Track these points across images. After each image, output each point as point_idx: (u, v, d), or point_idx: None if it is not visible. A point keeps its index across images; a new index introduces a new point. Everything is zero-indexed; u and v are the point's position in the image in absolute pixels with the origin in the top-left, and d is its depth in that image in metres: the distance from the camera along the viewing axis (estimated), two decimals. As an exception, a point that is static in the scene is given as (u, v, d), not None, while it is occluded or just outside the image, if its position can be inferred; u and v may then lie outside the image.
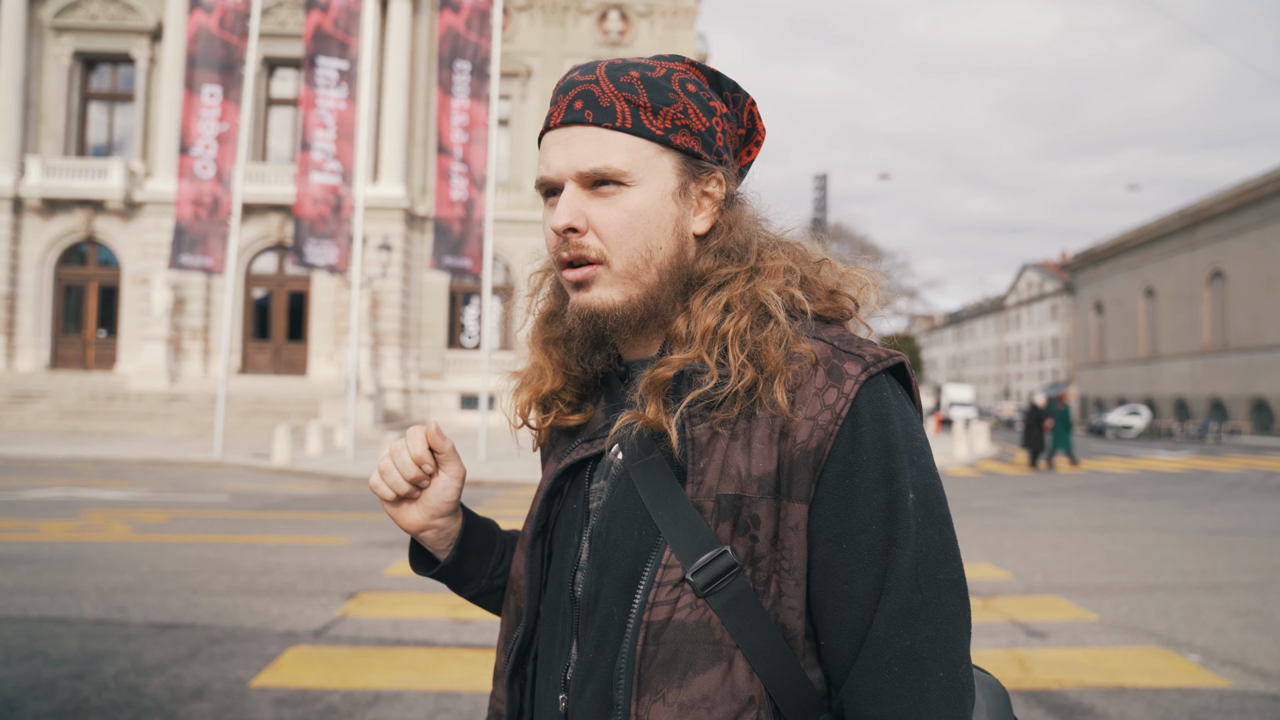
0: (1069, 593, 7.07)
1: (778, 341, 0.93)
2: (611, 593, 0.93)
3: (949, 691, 0.86)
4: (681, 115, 0.98)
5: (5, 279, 28.16)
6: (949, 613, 0.88)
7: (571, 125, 0.97)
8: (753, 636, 0.88)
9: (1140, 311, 56.91)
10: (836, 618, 0.89)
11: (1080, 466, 21.72)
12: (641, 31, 32.20)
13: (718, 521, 0.90)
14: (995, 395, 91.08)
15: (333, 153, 20.11)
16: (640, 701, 0.88)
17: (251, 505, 11.86)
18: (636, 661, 0.89)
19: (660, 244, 0.98)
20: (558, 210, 0.97)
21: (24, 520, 9.94)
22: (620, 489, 0.97)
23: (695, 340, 0.96)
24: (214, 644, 5.22)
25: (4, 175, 28.22)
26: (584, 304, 0.99)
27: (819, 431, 0.89)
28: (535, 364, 1.13)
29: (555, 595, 1.03)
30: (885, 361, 0.93)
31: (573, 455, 1.04)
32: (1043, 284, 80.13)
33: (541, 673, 1.04)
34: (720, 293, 0.98)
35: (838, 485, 0.89)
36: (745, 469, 0.90)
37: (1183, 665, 5.15)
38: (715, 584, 0.88)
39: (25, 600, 6.22)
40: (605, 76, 0.98)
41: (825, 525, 0.89)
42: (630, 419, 0.96)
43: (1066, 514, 12.30)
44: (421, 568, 1.18)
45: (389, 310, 28.59)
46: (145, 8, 29.50)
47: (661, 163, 0.97)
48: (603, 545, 0.96)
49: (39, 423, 24.51)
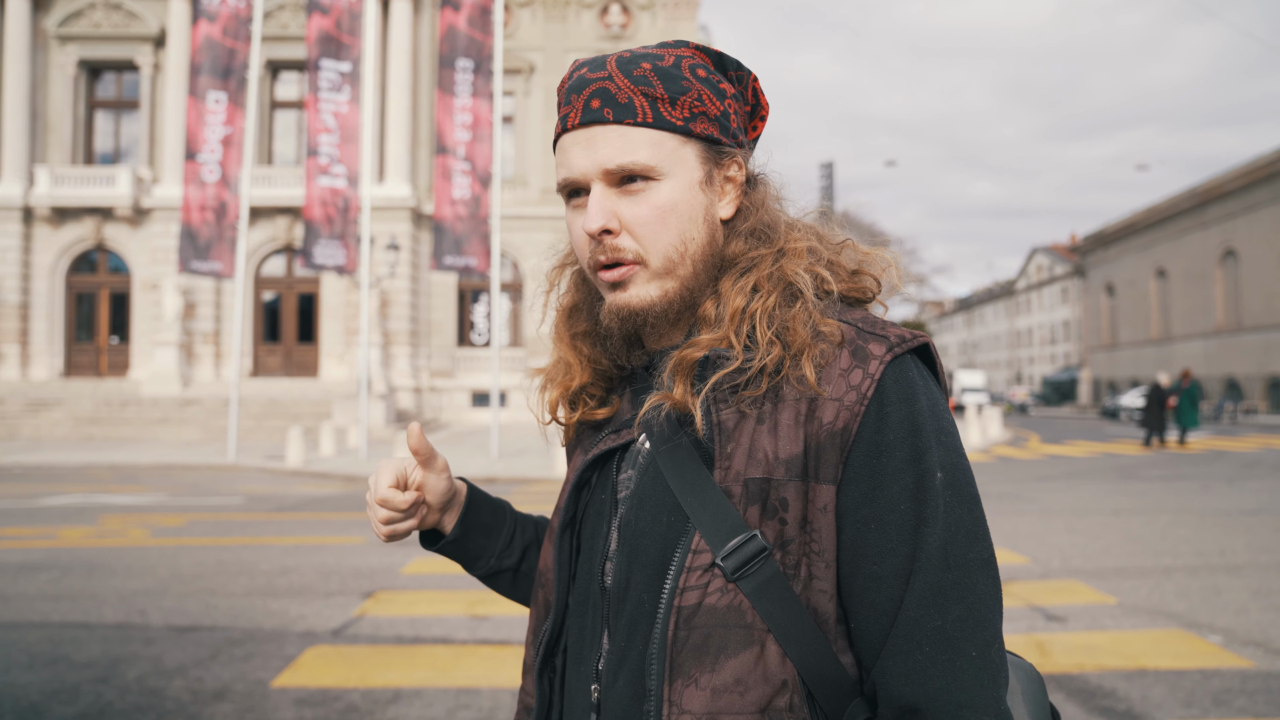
0: (1087, 576, 7.04)
1: (805, 320, 0.93)
2: (642, 580, 0.93)
3: (981, 671, 0.85)
4: (697, 103, 0.98)
5: (17, 288, 28.33)
6: (980, 592, 0.87)
7: (591, 125, 0.96)
8: (784, 620, 0.88)
9: (1152, 292, 56.58)
10: (866, 599, 0.88)
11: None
12: (643, 24, 32.12)
13: (746, 505, 0.90)
14: (1007, 380, 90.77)
15: (338, 156, 20.14)
16: (673, 686, 0.88)
17: (267, 507, 11.92)
18: (668, 647, 0.89)
19: (693, 235, 0.98)
20: (589, 213, 0.96)
21: (43, 527, 10.01)
22: (648, 476, 0.97)
23: (724, 321, 0.96)
24: (234, 645, 5.25)
25: (13, 185, 28.37)
26: (623, 303, 0.98)
27: (845, 412, 0.89)
28: (561, 359, 1.12)
29: (585, 586, 1.03)
30: (910, 342, 0.93)
31: (600, 446, 1.04)
32: (1053, 267, 79.74)
33: (572, 664, 1.04)
34: (749, 275, 0.98)
35: (865, 466, 0.89)
36: (772, 452, 0.90)
37: (1204, 647, 5.12)
38: (745, 568, 0.88)
39: (47, 606, 6.26)
40: (618, 71, 0.97)
41: (853, 506, 0.89)
42: (659, 400, 0.96)
43: (1083, 497, 12.25)
44: (428, 542, 1.20)
45: (398, 310, 28.64)
46: (148, 14, 29.58)
47: (685, 153, 0.97)
48: (632, 533, 0.96)
49: (55, 430, 24.68)
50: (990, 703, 0.85)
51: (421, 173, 30.02)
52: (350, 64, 20.14)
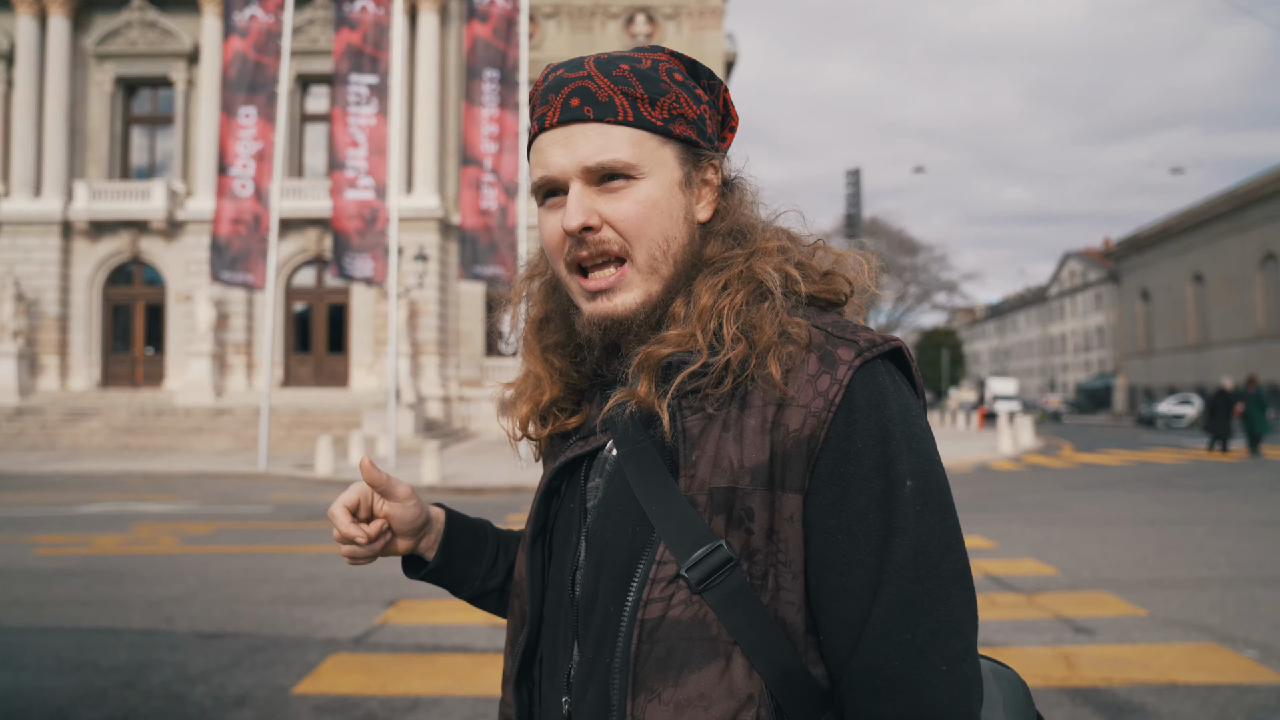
0: (1118, 588, 6.90)
1: (772, 319, 0.91)
2: (608, 591, 0.91)
3: (953, 686, 0.82)
4: (676, 105, 0.97)
5: (57, 301, 28.89)
6: (952, 604, 0.84)
7: (571, 123, 0.95)
8: (751, 633, 0.86)
9: (1189, 298, 55.62)
10: (834, 611, 0.86)
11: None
12: (669, 34, 32.18)
13: (711, 515, 0.88)
14: (1040, 387, 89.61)
15: (365, 169, 20.37)
16: (635, 701, 0.86)
17: (295, 515, 12.02)
18: (631, 661, 0.87)
19: (675, 234, 0.97)
20: (569, 210, 0.95)
21: (78, 534, 10.17)
22: (614, 484, 0.95)
23: (692, 319, 0.94)
24: (256, 652, 5.29)
25: (53, 200, 28.97)
26: (605, 312, 0.97)
27: (812, 419, 0.87)
28: (531, 373, 1.10)
29: (556, 597, 1.01)
30: (880, 346, 0.90)
31: (568, 453, 1.02)
32: (1086, 273, 78.69)
33: (546, 675, 1.02)
34: (720, 274, 0.97)
35: (832, 474, 0.86)
36: (738, 460, 0.88)
37: (1238, 661, 4.99)
38: (710, 579, 0.86)
39: (77, 611, 6.36)
40: (597, 71, 0.96)
41: (821, 516, 0.86)
42: (624, 397, 0.95)
43: (1115, 507, 12.04)
44: (412, 570, 1.19)
45: (427, 320, 28.85)
46: (182, 31, 30.12)
47: (665, 153, 0.96)
48: (599, 543, 0.94)
49: (92, 439, 25.10)
50: (960, 717, 0.82)
51: (449, 183, 30.24)
52: (378, 77, 20.37)
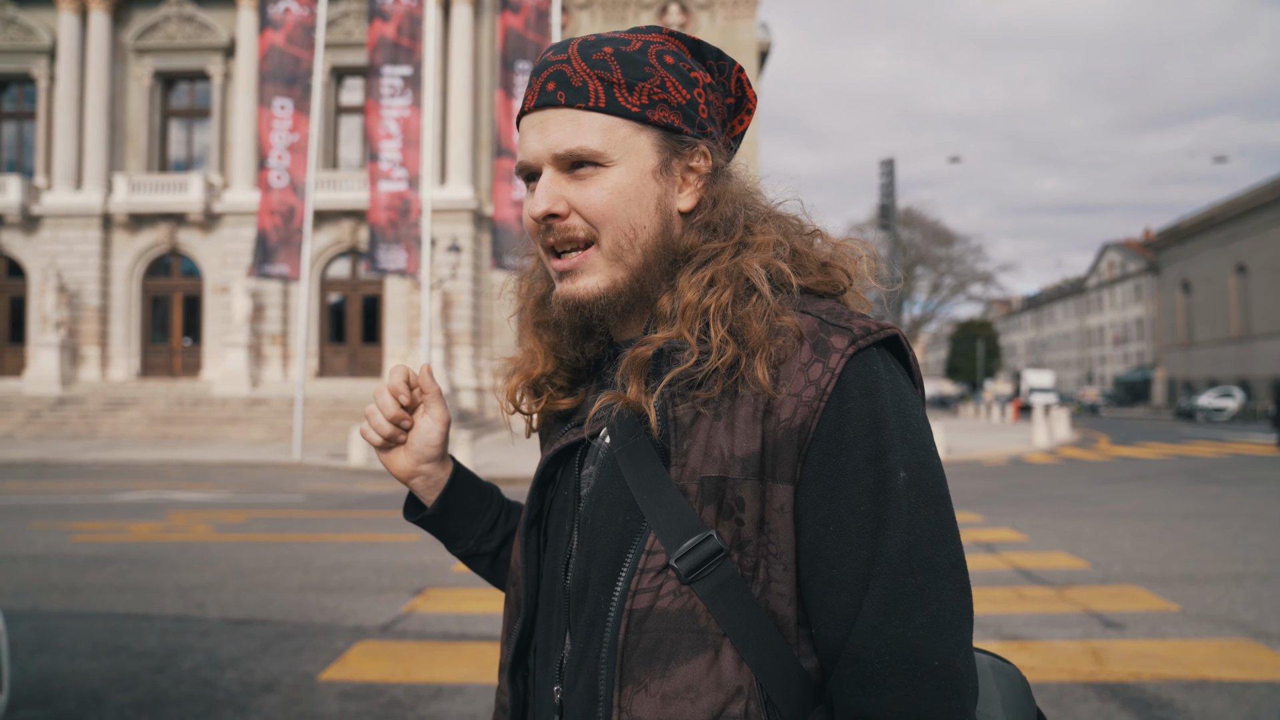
0: (1149, 582, 6.79)
1: (760, 315, 0.89)
2: (598, 580, 0.91)
3: (945, 682, 0.80)
4: (659, 89, 0.95)
5: (97, 292, 29.46)
6: (946, 598, 0.82)
7: (545, 108, 0.95)
8: (741, 624, 0.85)
9: (1231, 289, 54.45)
10: (825, 604, 0.85)
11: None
12: (702, 23, 32.02)
13: (702, 505, 0.87)
14: (1077, 380, 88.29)
15: (399, 160, 20.52)
16: (622, 692, 0.86)
17: (327, 505, 12.18)
18: (619, 651, 0.87)
19: (644, 223, 0.95)
20: (535, 196, 0.95)
21: (116, 521, 10.39)
22: (606, 474, 0.94)
23: (678, 317, 0.93)
24: (285, 639, 5.37)
25: (94, 194, 29.53)
26: (569, 294, 0.97)
27: (803, 408, 0.85)
28: (527, 349, 1.11)
29: (550, 585, 1.01)
30: (875, 334, 0.88)
31: (561, 441, 1.02)
32: (1125, 264, 77.30)
33: (540, 664, 1.02)
34: (705, 269, 0.95)
35: (824, 465, 0.85)
36: (728, 450, 0.86)
37: (1273, 658, 4.90)
38: (700, 570, 0.85)
39: (113, 597, 6.49)
40: (577, 55, 0.95)
41: (812, 507, 0.85)
42: (610, 399, 0.94)
43: (1150, 501, 11.84)
44: (410, 513, 1.20)
45: (460, 310, 29.03)
46: (219, 25, 30.51)
47: (639, 140, 0.94)
48: (590, 532, 0.94)
49: (131, 429, 25.60)
50: (952, 715, 0.81)
51: (482, 174, 30.37)
52: (411, 68, 20.49)
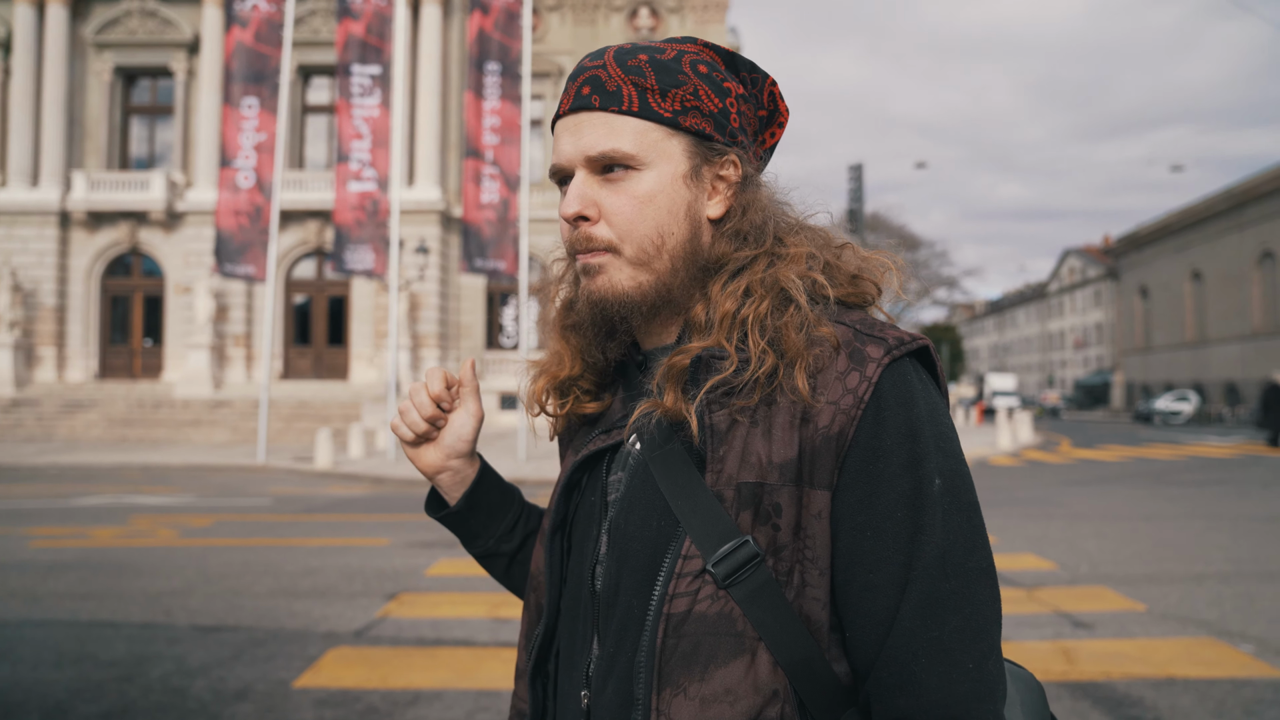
0: (1116, 583, 6.92)
1: (798, 326, 0.91)
2: (631, 585, 0.92)
3: (978, 683, 0.83)
4: (692, 97, 0.96)
5: (54, 292, 28.87)
6: (978, 602, 0.85)
7: (579, 111, 0.96)
8: (776, 628, 0.86)
9: (1187, 295, 55.63)
10: (861, 608, 0.87)
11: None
12: (672, 27, 32.11)
13: (738, 511, 0.88)
14: (1039, 383, 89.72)
15: (369, 160, 20.33)
16: (661, 696, 0.87)
17: (294, 509, 12.03)
18: (657, 655, 0.87)
19: (672, 229, 0.96)
20: (567, 197, 0.97)
21: (76, 526, 10.18)
22: (638, 479, 0.95)
23: (714, 326, 0.94)
24: (256, 646, 5.29)
25: (51, 190, 28.93)
26: (592, 291, 0.98)
27: (841, 416, 0.87)
28: (554, 351, 1.11)
29: (575, 590, 1.01)
30: (909, 345, 0.91)
31: (590, 446, 1.03)
32: (1085, 269, 78.70)
33: (563, 670, 1.03)
34: (740, 278, 0.96)
35: (861, 471, 0.87)
36: (766, 456, 0.88)
37: (1236, 656, 5.01)
38: (737, 575, 0.87)
39: (76, 604, 6.36)
40: (613, 61, 0.96)
41: (849, 513, 0.87)
42: (649, 408, 0.95)
43: (1113, 502, 12.06)
44: (433, 509, 1.20)
45: (428, 312, 28.84)
46: (182, 21, 30.05)
47: (671, 146, 0.96)
48: (621, 537, 0.95)
49: (89, 431, 25.10)
50: (986, 716, 0.83)
51: (451, 176, 30.21)
52: (381, 68, 20.32)
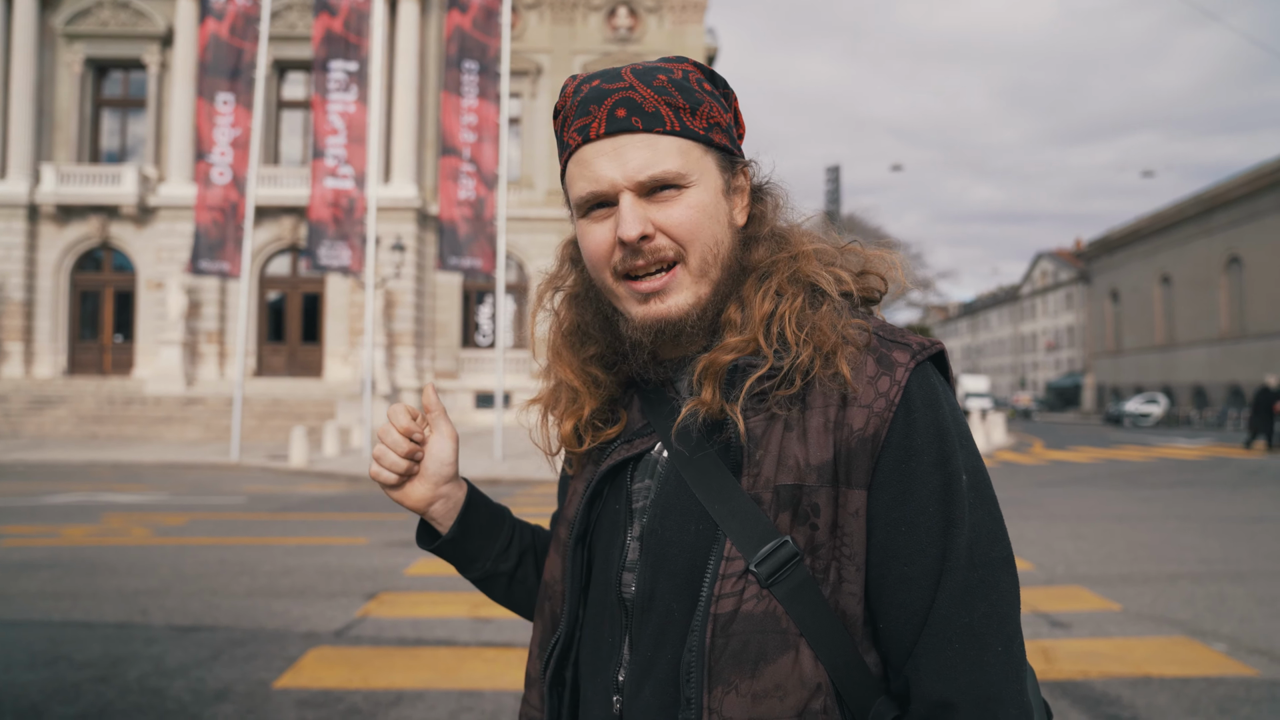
0: (1091, 583, 7.01)
1: (832, 321, 0.96)
2: (669, 589, 0.94)
3: (1006, 665, 0.89)
4: (712, 114, 1.00)
5: (22, 286, 28.38)
6: (1003, 589, 0.91)
7: (619, 134, 0.96)
8: (815, 624, 0.90)
9: (1156, 299, 56.45)
10: (897, 600, 0.91)
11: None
12: (650, 27, 32.11)
13: (777, 512, 0.92)
14: (1011, 385, 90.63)
15: (345, 157, 20.16)
16: (712, 694, 0.90)
17: (270, 507, 11.92)
18: (706, 654, 0.90)
19: (722, 238, 1.00)
20: (625, 220, 0.95)
21: (45, 525, 10.02)
22: (670, 485, 0.98)
23: (752, 324, 0.98)
24: (235, 646, 5.24)
25: (19, 183, 28.44)
26: (659, 315, 0.98)
27: (875, 419, 0.91)
28: (565, 386, 1.11)
29: (600, 597, 1.03)
30: (930, 349, 0.96)
31: (614, 457, 1.04)
32: (1057, 273, 79.61)
33: (587, 677, 1.04)
34: (770, 279, 1.00)
35: (895, 470, 0.91)
36: (803, 459, 0.92)
37: (1209, 654, 5.09)
38: (778, 574, 0.90)
39: (48, 605, 6.26)
40: (639, 82, 0.97)
41: (884, 509, 0.91)
42: (694, 406, 0.97)
43: (1087, 504, 12.22)
44: (425, 541, 1.18)
45: (403, 310, 28.65)
46: (155, 13, 29.65)
47: (708, 162, 0.99)
48: (657, 542, 0.97)
49: (58, 428, 24.71)
50: (1014, 695, 0.88)
51: (427, 173, 30.04)
52: (357, 64, 20.15)
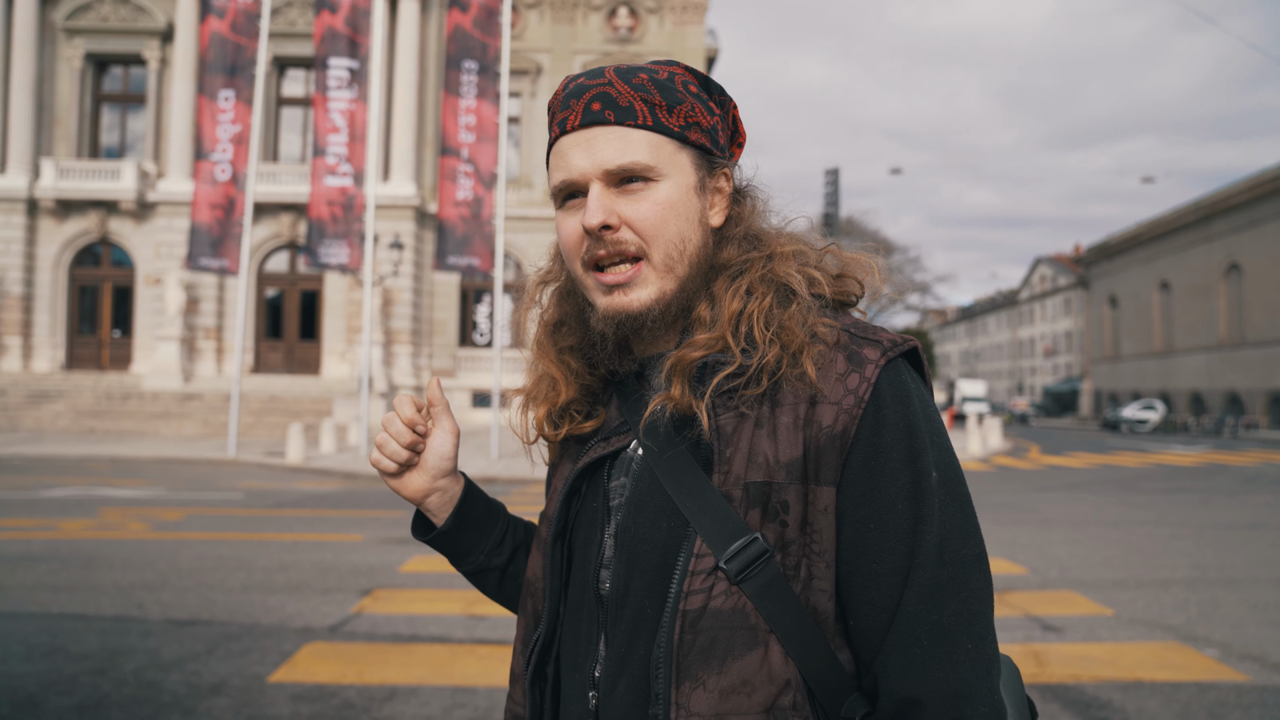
0: (1085, 587, 7.04)
1: (800, 320, 0.96)
2: (642, 585, 0.95)
3: (977, 662, 0.88)
4: (691, 114, 1.00)
5: (21, 280, 28.37)
6: (973, 587, 0.90)
7: (592, 126, 0.98)
8: (786, 620, 0.90)
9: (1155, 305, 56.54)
10: (866, 596, 0.91)
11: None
12: (651, 27, 32.14)
13: (747, 509, 0.92)
14: (1008, 390, 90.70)
15: (345, 155, 20.17)
16: (680, 689, 0.90)
17: (266, 503, 11.93)
18: (674, 650, 0.90)
19: (690, 235, 1.00)
20: (589, 209, 0.97)
21: (43, 518, 10.03)
22: (644, 483, 0.98)
23: (720, 323, 0.98)
24: (231, 640, 5.26)
25: (18, 177, 28.43)
26: (620, 307, 0.99)
27: (844, 416, 0.91)
28: (546, 375, 1.13)
29: (579, 594, 1.04)
30: (901, 346, 0.96)
31: (591, 454, 1.05)
32: (1056, 278, 79.69)
33: (566, 673, 1.05)
34: (742, 278, 1.00)
35: (864, 467, 0.91)
36: (773, 456, 0.92)
37: (1201, 660, 5.11)
38: (748, 571, 0.90)
39: (46, 597, 6.27)
40: (618, 79, 0.99)
41: (853, 506, 0.91)
42: (661, 401, 0.97)
43: (1082, 509, 12.25)
44: (420, 532, 1.19)
45: (401, 308, 28.66)
46: (156, 9, 29.65)
47: (681, 158, 0.99)
48: (630, 539, 0.97)
49: (56, 422, 24.71)
50: (985, 693, 0.88)
51: (426, 172, 30.05)
52: (358, 62, 20.17)
